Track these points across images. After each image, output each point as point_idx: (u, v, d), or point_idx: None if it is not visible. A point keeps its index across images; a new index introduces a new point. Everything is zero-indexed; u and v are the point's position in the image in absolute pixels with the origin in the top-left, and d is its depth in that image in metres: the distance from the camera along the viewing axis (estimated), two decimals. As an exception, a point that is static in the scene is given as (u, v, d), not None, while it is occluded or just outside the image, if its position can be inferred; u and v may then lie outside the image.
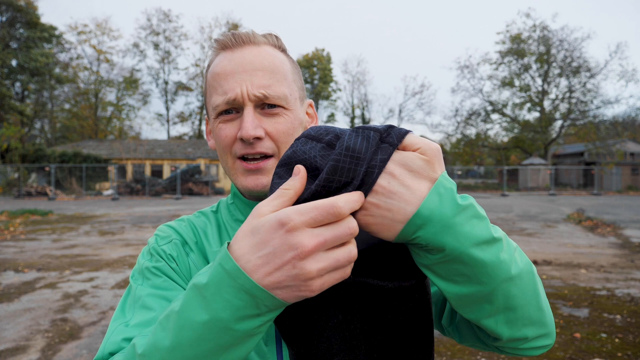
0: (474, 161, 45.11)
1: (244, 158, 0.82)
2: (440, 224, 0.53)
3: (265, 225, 0.52)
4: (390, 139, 0.56)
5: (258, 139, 0.79)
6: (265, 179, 0.81)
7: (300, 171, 0.56)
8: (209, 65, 0.88)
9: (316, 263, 0.51)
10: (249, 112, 0.79)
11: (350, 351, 0.62)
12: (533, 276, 0.64)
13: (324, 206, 0.51)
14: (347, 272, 0.54)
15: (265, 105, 0.81)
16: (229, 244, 0.55)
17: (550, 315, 0.68)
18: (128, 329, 0.71)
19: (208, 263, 0.84)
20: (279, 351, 0.78)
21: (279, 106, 0.81)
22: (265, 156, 0.82)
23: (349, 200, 0.52)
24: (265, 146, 0.80)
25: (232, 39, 0.83)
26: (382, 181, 0.53)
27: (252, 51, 0.82)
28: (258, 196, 0.84)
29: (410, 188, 0.53)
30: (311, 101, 0.93)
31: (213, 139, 0.89)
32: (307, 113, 0.92)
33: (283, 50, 0.87)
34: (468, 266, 0.55)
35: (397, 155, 0.55)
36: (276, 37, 0.87)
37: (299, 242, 0.50)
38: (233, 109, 0.81)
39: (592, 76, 41.73)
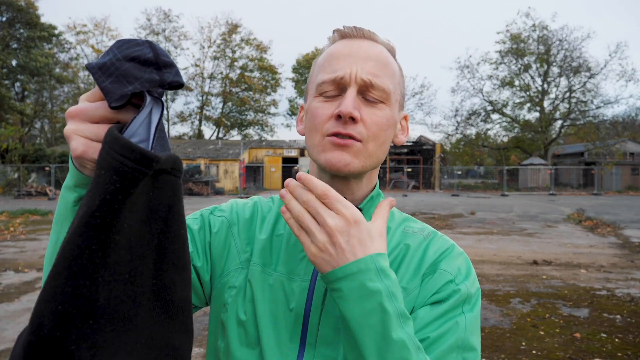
0: (474, 161, 45.05)
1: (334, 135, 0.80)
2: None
3: None
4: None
5: (353, 119, 0.78)
6: (349, 158, 0.78)
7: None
8: (321, 52, 0.88)
9: (72, 125, 0.59)
10: (352, 92, 0.79)
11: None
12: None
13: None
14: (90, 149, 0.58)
15: (368, 95, 0.81)
16: None
17: None
18: None
19: (251, 248, 0.87)
20: (300, 351, 0.78)
21: (380, 101, 0.81)
22: (354, 138, 0.79)
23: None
24: (357, 130, 0.78)
25: (354, 30, 0.85)
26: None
27: (370, 44, 0.84)
28: (337, 175, 0.81)
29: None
30: (407, 114, 0.92)
31: (304, 123, 0.88)
32: (400, 123, 0.90)
33: (394, 57, 0.89)
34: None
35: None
36: (393, 46, 0.89)
37: (71, 108, 0.61)
38: (336, 90, 0.81)
39: (592, 76, 41.61)
